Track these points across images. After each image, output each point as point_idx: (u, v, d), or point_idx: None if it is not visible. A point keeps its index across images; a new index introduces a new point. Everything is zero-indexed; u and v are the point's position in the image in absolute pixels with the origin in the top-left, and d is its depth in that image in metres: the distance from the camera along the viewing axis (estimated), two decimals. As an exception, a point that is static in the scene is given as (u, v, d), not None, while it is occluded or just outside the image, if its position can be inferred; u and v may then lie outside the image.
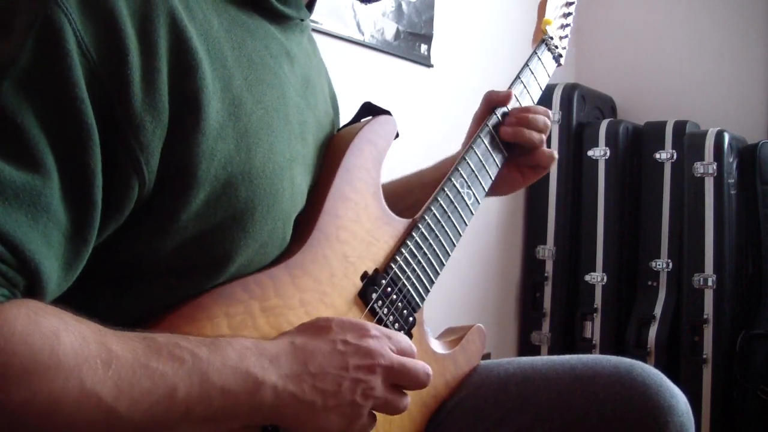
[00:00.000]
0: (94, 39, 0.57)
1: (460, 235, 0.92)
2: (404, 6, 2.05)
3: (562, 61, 1.14)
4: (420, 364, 0.70)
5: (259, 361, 0.61)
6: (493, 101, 1.00)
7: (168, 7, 0.62)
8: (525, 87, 1.05)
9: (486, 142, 0.97)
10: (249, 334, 0.67)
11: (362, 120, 0.88)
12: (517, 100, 1.03)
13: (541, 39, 1.10)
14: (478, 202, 0.95)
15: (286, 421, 0.64)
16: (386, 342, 0.69)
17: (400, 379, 0.70)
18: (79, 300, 0.60)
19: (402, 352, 0.71)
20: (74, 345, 0.53)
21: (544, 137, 1.01)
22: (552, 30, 1.11)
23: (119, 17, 0.58)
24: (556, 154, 1.02)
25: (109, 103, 0.58)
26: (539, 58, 1.09)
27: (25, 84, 0.55)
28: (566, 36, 1.16)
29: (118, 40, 0.58)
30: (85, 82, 0.56)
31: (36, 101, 0.55)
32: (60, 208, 0.55)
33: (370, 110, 0.90)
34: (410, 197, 0.96)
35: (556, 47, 1.12)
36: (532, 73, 1.07)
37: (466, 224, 0.93)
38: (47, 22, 0.56)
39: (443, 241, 0.89)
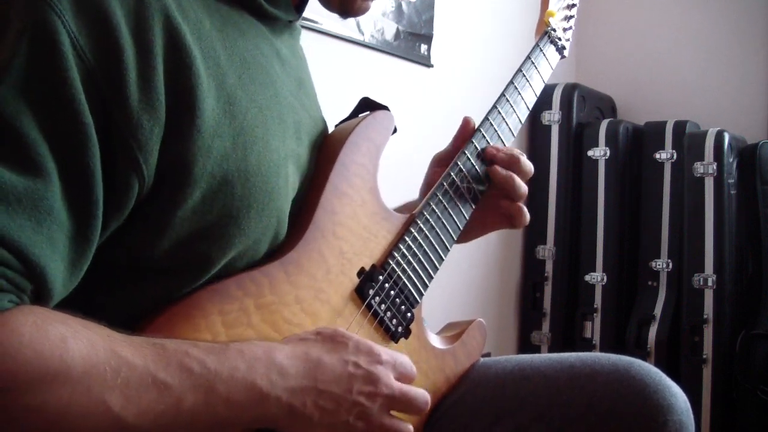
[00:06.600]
0: (89, 40, 0.58)
1: (460, 229, 0.91)
2: (404, 6, 2.05)
3: (566, 53, 1.12)
4: (420, 393, 0.72)
5: (267, 374, 0.62)
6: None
7: (161, 6, 0.62)
8: (527, 80, 1.03)
9: (487, 137, 0.95)
10: (243, 332, 0.68)
11: (360, 115, 0.87)
12: (520, 95, 1.01)
13: (544, 31, 1.08)
14: (479, 197, 0.93)
15: (283, 427, 0.65)
16: (392, 368, 0.70)
17: (400, 407, 0.71)
18: (73, 299, 0.60)
19: (404, 377, 0.72)
20: (82, 352, 0.53)
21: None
22: (555, 22, 1.09)
23: (113, 17, 0.59)
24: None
25: (106, 103, 0.58)
26: (541, 50, 1.07)
27: (22, 88, 0.55)
28: (570, 27, 1.14)
29: (113, 40, 0.58)
30: (81, 83, 0.57)
31: (33, 104, 0.55)
32: (62, 209, 0.56)
33: (367, 105, 0.89)
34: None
35: (560, 39, 1.10)
36: (535, 65, 1.05)
37: (465, 218, 0.92)
38: (41, 24, 0.56)
39: (442, 236, 0.89)
